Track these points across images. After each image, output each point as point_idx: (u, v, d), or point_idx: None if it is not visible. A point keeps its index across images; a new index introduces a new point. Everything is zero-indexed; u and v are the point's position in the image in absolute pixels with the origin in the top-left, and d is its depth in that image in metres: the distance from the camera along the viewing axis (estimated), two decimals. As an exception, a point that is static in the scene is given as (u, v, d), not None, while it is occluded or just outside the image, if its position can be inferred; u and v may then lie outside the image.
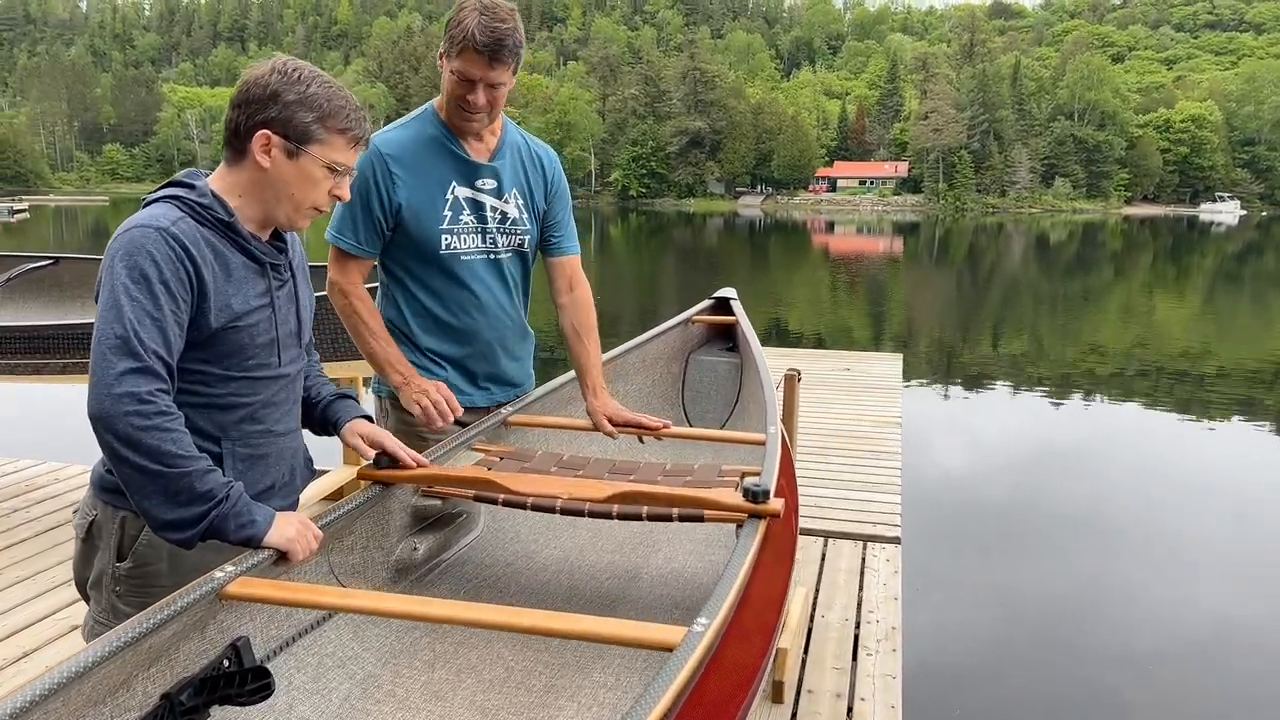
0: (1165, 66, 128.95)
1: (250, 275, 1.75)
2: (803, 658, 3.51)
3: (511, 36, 2.25)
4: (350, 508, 2.00)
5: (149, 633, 1.44)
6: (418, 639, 2.10)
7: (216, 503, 1.62)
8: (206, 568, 1.69)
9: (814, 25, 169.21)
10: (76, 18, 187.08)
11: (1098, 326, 16.26)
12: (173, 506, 1.59)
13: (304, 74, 1.71)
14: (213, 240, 1.68)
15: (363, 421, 2.06)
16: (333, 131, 1.72)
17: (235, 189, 1.74)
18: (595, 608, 2.34)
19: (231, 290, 1.70)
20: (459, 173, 2.42)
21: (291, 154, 1.71)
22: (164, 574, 1.72)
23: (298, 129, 1.70)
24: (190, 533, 1.62)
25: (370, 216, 2.37)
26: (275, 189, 1.73)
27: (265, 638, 1.81)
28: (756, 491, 1.90)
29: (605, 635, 1.47)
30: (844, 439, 6.38)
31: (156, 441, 1.56)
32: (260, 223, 1.77)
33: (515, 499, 2.09)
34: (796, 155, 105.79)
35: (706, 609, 1.50)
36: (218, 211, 1.70)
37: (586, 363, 2.64)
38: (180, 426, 1.61)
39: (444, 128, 2.40)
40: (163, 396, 1.59)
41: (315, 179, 1.73)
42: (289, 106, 1.69)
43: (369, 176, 2.35)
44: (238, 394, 1.75)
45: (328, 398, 2.05)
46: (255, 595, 1.60)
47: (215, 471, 1.64)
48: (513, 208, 2.50)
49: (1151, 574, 5.39)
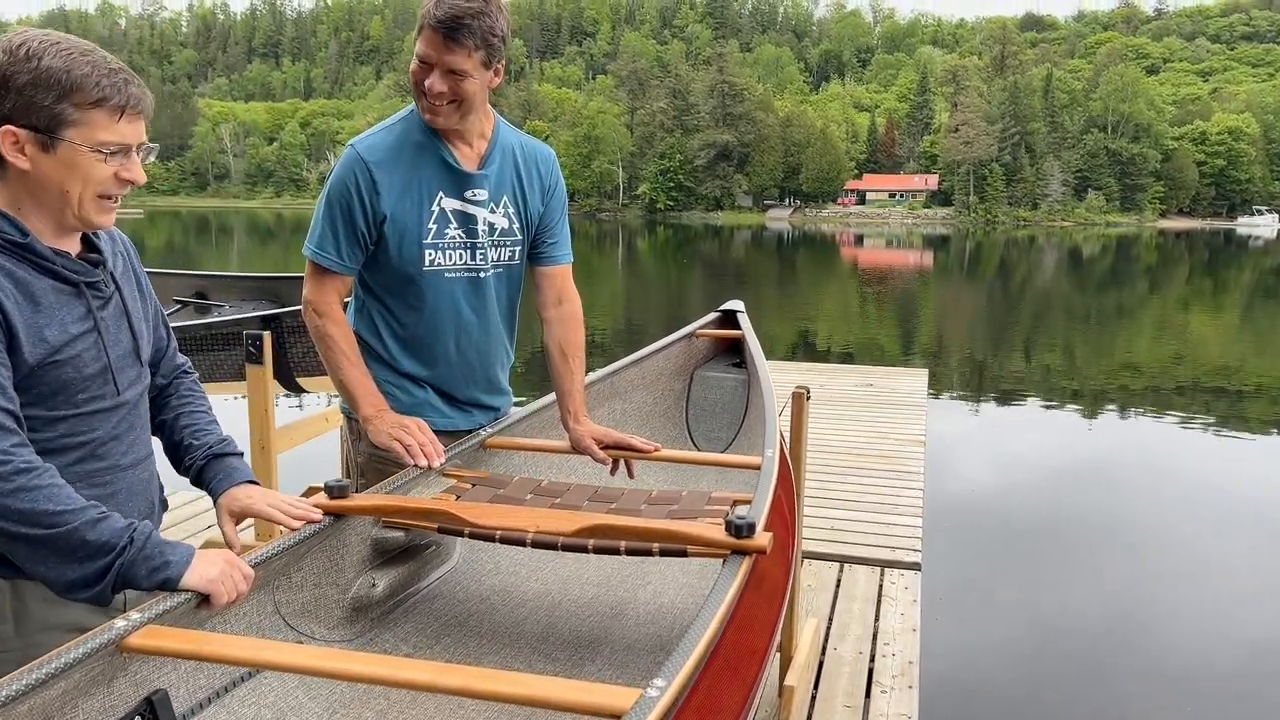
0: (1201, 78, 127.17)
1: (64, 300, 1.50)
2: (812, 694, 3.29)
3: (477, 19, 2.01)
4: (296, 541, 1.81)
5: (24, 694, 1.26)
6: (369, 688, 1.91)
7: (118, 551, 1.43)
8: (63, 623, 1.50)
9: (843, 38, 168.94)
10: (115, 34, 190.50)
11: (1131, 342, 15.86)
12: (70, 566, 1.41)
13: (34, 47, 1.40)
14: (9, 267, 1.43)
15: (238, 493, 1.74)
16: (84, 108, 1.42)
17: (16, 202, 1.46)
18: (572, 649, 2.14)
19: (43, 321, 1.46)
20: (447, 182, 2.21)
21: (46, 147, 1.42)
22: (9, 636, 1.50)
23: (42, 116, 1.41)
24: (98, 588, 1.43)
25: (353, 229, 2.17)
26: (47, 191, 1.45)
27: (192, 687, 1.63)
28: (740, 525, 1.70)
29: (539, 699, 1.26)
30: (863, 458, 6.15)
31: (28, 504, 1.37)
32: (57, 232, 1.51)
33: (482, 532, 1.90)
34: (825, 168, 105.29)
35: (666, 668, 1.30)
36: (9, 233, 1.44)
37: (569, 385, 2.40)
38: (51, 479, 1.41)
39: (430, 131, 2.19)
40: (20, 451, 1.39)
41: (86, 168, 1.45)
42: (24, 91, 1.39)
43: (350, 186, 2.15)
44: (71, 433, 1.52)
45: (201, 457, 1.77)
46: (161, 648, 1.41)
47: (109, 517, 1.44)
48: (502, 218, 2.29)
49: (1189, 604, 5.09)
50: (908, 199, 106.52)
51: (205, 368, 4.34)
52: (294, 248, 44.09)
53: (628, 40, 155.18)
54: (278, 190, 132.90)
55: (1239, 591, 5.21)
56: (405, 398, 2.33)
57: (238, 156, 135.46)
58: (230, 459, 1.78)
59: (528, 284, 2.47)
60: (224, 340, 4.40)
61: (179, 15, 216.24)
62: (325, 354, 2.24)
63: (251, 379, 3.96)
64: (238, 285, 5.59)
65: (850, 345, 14.49)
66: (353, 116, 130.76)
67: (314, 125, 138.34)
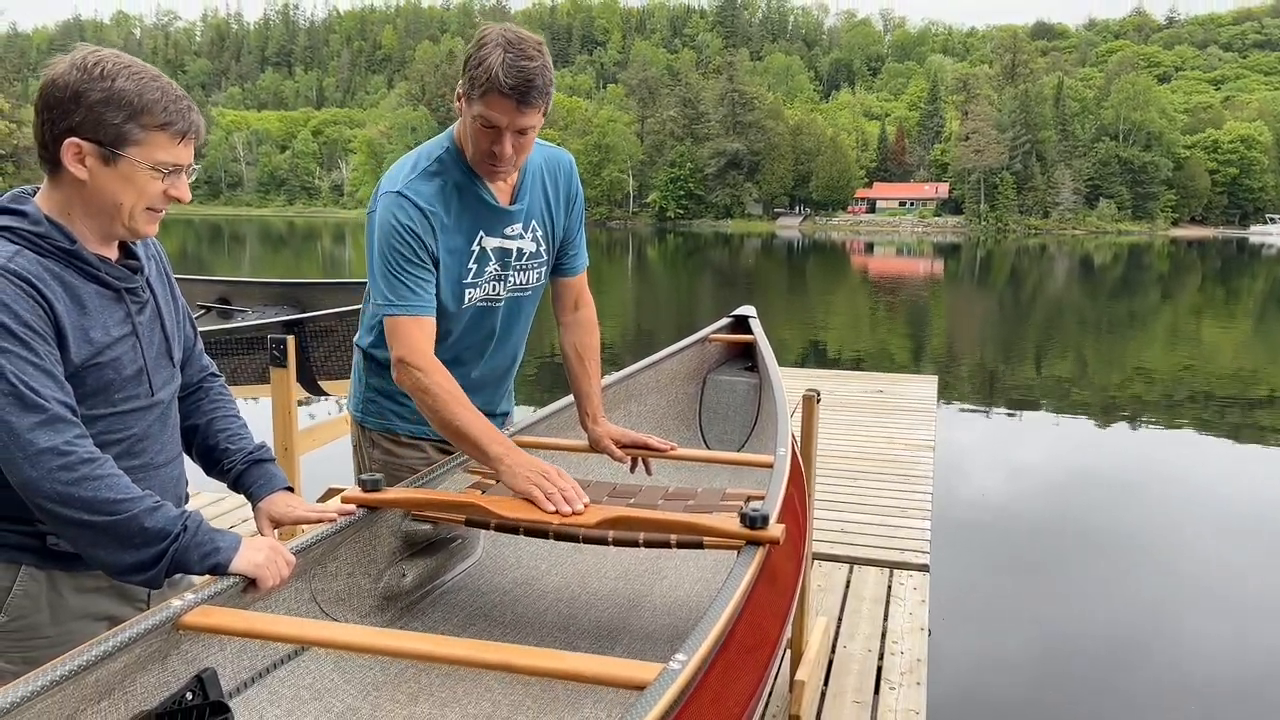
0: (1213, 87, 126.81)
1: (106, 304, 1.58)
2: (822, 690, 3.37)
3: (541, 75, 1.98)
4: (333, 532, 1.91)
5: (93, 665, 1.36)
6: (402, 671, 2.00)
7: (173, 538, 1.53)
8: (94, 613, 1.61)
9: (853, 47, 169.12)
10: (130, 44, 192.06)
11: (1143, 351, 15.87)
12: (128, 551, 1.50)
13: (108, 67, 1.49)
14: (58, 271, 1.51)
15: (279, 500, 1.83)
16: (150, 129, 1.51)
17: (65, 208, 1.55)
18: (592, 638, 2.23)
19: (89, 323, 1.54)
20: (488, 221, 2.19)
21: (108, 160, 1.50)
22: (46, 624, 1.60)
23: (109, 132, 1.49)
24: (152, 572, 1.53)
25: (421, 268, 2.11)
26: (100, 201, 1.53)
27: (237, 668, 1.72)
28: (754, 517, 1.79)
29: (572, 672, 1.36)
30: (873, 462, 6.22)
31: (91, 492, 1.46)
32: (101, 239, 1.59)
33: (507, 523, 2.00)
34: (835, 176, 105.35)
35: (687, 644, 1.39)
36: (58, 240, 1.52)
37: (587, 388, 2.46)
38: (111, 469, 1.50)
39: (469, 171, 2.15)
40: (82, 443, 1.48)
41: (142, 184, 1.54)
42: (95, 108, 1.48)
43: (419, 232, 2.10)
44: (109, 431, 1.60)
45: (240, 462, 1.85)
46: (214, 626, 1.52)
47: (164, 506, 1.54)
48: (531, 242, 2.29)
49: (1200, 612, 5.12)
50: (918, 207, 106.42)
51: (228, 371, 4.45)
52: (305, 255, 44.38)
53: (638, 49, 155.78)
54: (290, 198, 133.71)
55: (1251, 603, 5.20)
56: (411, 414, 2.34)
57: (250, 165, 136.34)
58: (268, 465, 1.88)
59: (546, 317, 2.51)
60: (247, 344, 4.51)
61: (193, 25, 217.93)
62: (433, 405, 2.07)
63: (275, 382, 4.08)
64: (260, 291, 5.71)
65: (861, 353, 14.55)
66: (364, 125, 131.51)
67: (326, 134, 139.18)
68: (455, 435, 2.09)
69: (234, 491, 1.92)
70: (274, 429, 4.05)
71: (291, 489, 1.89)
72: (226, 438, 1.88)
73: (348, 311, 4.46)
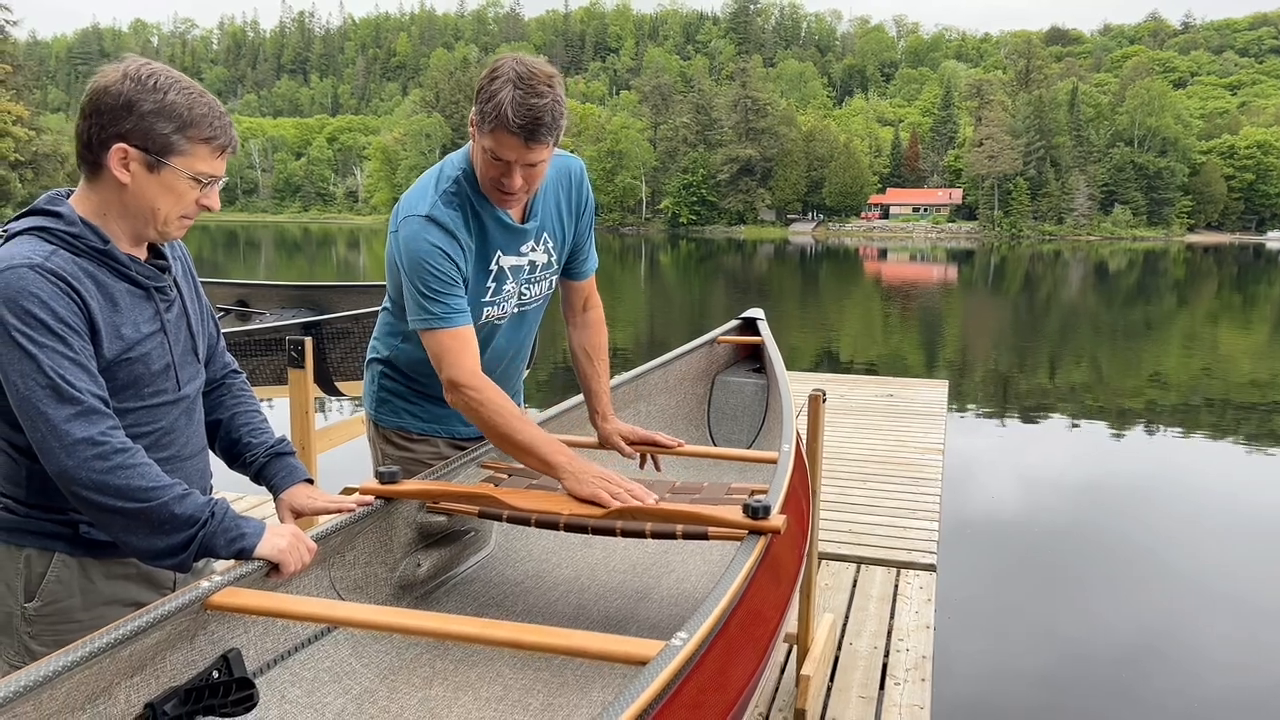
0: (1229, 92, 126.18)
1: (137, 302, 1.66)
2: (828, 685, 3.42)
3: (550, 111, 1.99)
4: (351, 521, 1.99)
5: (128, 639, 1.44)
6: (418, 655, 2.08)
7: (201, 524, 1.61)
8: (123, 598, 1.69)
9: (867, 53, 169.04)
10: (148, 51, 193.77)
11: (1159, 356, 15.82)
12: (159, 537, 1.58)
13: (160, 80, 1.58)
14: (91, 270, 1.59)
15: (300, 492, 1.91)
16: (195, 141, 1.60)
17: (101, 209, 1.62)
18: (601, 627, 2.30)
19: (120, 320, 1.62)
20: (504, 241, 2.25)
21: (152, 168, 1.59)
22: (77, 609, 1.68)
23: (157, 141, 1.57)
24: (182, 557, 1.61)
25: (454, 283, 2.14)
26: (138, 204, 1.61)
27: (260, 650, 1.80)
28: (757, 508, 1.86)
29: (578, 649, 1.44)
30: (882, 464, 6.27)
31: (124, 480, 1.54)
32: (132, 240, 1.67)
33: (519, 515, 2.07)
34: (849, 182, 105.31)
35: (688, 624, 1.46)
36: (91, 240, 1.59)
37: (596, 386, 2.51)
38: (143, 459, 1.58)
39: (483, 194, 2.19)
40: (115, 434, 1.56)
41: (180, 191, 1.62)
42: (146, 117, 1.56)
43: (449, 253, 2.12)
44: (138, 424, 1.67)
45: (262, 455, 1.92)
46: (242, 605, 1.59)
47: (192, 494, 1.62)
48: (543, 254, 2.35)
49: (1211, 619, 5.09)
50: (932, 213, 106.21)
51: (246, 372, 4.52)
52: (320, 261, 44.65)
53: (651, 56, 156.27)
54: (305, 205, 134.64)
55: (1266, 612, 5.15)
56: (425, 414, 2.44)
57: (266, 171, 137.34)
58: (289, 458, 1.95)
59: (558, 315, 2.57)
60: (265, 346, 4.60)
61: (209, 33, 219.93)
62: (492, 423, 2.10)
63: (293, 382, 4.16)
64: (278, 294, 5.81)
65: (872, 358, 14.57)
66: (379, 132, 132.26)
67: (341, 141, 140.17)
68: (516, 449, 2.11)
69: (256, 484, 1.99)
70: (292, 429, 4.12)
71: (312, 481, 1.97)
72: (249, 432, 1.96)
73: (363, 314, 4.55)
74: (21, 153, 66.05)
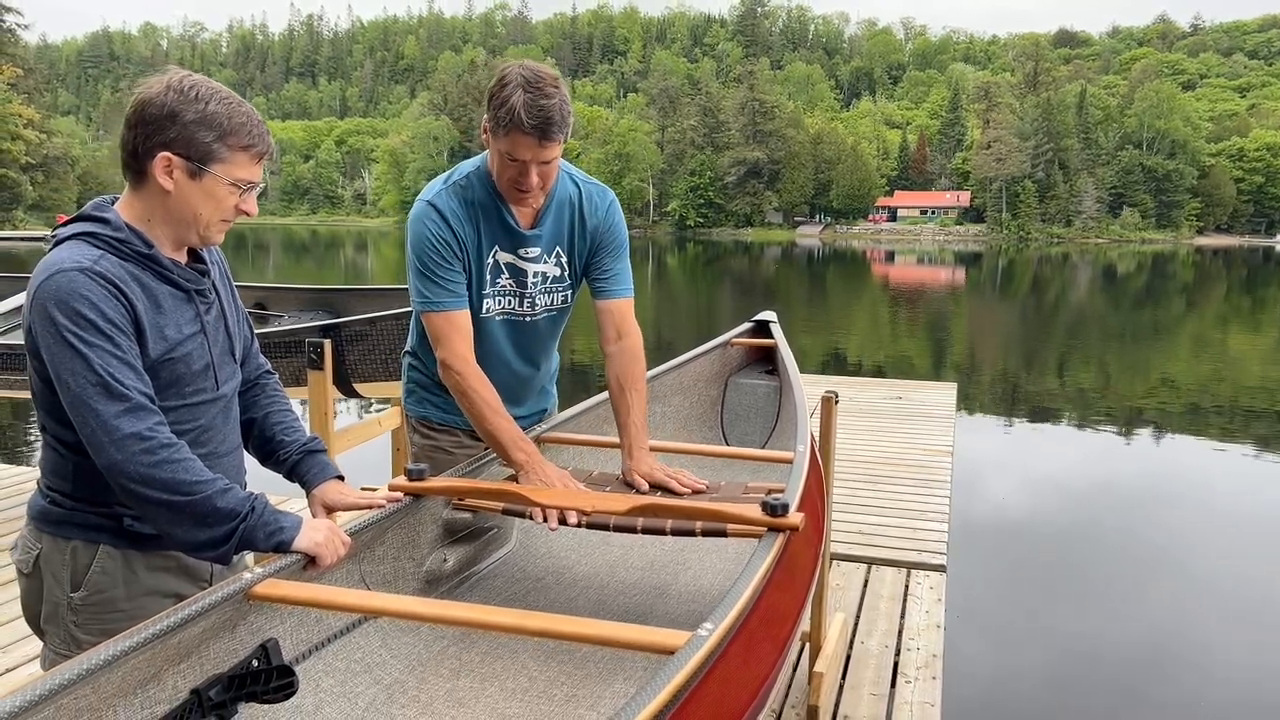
0: (1238, 94, 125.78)
1: (178, 304, 1.73)
2: (840, 683, 3.48)
3: (559, 110, 2.14)
4: (381, 517, 2.05)
5: (176, 628, 1.50)
6: (445, 647, 2.14)
7: (242, 517, 1.67)
8: (164, 590, 1.75)
9: (874, 55, 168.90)
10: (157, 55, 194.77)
11: (1167, 360, 15.82)
12: (202, 529, 1.65)
13: (201, 91, 1.66)
14: (137, 274, 1.66)
15: (332, 488, 1.97)
16: (235, 149, 1.68)
17: (145, 215, 1.70)
18: (621, 621, 2.36)
19: (163, 321, 1.69)
20: (503, 238, 2.37)
21: (195, 175, 1.66)
22: (121, 599, 1.74)
23: (199, 149, 1.65)
24: (223, 549, 1.68)
25: (451, 269, 2.31)
26: (181, 210, 1.69)
27: (295, 641, 1.87)
28: (775, 505, 1.92)
29: (608, 638, 1.50)
30: (892, 466, 6.32)
31: (170, 474, 1.61)
32: (175, 245, 1.74)
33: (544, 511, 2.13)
34: (856, 185, 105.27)
35: (713, 615, 1.52)
36: (137, 245, 1.67)
37: (627, 420, 2.44)
38: (187, 454, 1.65)
39: (494, 193, 2.34)
40: (161, 429, 1.62)
41: (220, 197, 1.70)
42: (188, 127, 1.64)
43: (445, 238, 2.29)
44: (179, 422, 1.73)
45: (295, 453, 1.98)
46: (283, 596, 1.66)
47: (233, 488, 1.68)
48: (554, 266, 2.44)
49: (1221, 621, 5.11)
50: (940, 216, 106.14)
51: (266, 373, 4.61)
52: (328, 263, 44.82)
53: (658, 58, 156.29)
54: (313, 207, 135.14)
55: (1275, 618, 5.17)
56: (445, 405, 2.52)
57: (274, 174, 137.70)
58: (321, 455, 2.01)
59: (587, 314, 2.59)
60: (283, 348, 4.67)
61: (219, 36, 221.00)
62: (469, 408, 2.30)
63: (312, 384, 4.23)
64: (296, 296, 5.88)
65: (880, 361, 14.61)
66: (387, 134, 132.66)
67: (349, 143, 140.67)
68: (486, 437, 2.32)
69: (289, 480, 2.05)
70: (310, 429, 4.20)
71: (343, 478, 2.03)
72: (282, 430, 2.02)
73: (380, 316, 4.61)
74: (33, 156, 66.50)
